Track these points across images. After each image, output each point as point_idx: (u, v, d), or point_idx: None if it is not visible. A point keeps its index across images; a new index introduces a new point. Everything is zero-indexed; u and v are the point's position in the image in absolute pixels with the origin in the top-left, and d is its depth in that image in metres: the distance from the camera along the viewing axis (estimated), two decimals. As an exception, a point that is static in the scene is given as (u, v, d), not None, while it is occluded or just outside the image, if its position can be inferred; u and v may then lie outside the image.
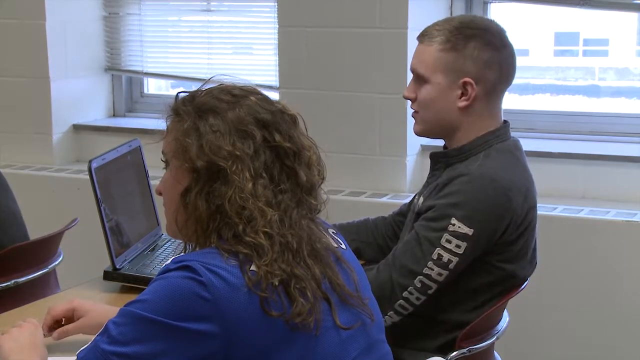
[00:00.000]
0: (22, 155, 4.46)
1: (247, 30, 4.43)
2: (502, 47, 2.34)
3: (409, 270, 2.24)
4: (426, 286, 2.25)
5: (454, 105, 2.33)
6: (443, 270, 2.23)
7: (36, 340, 1.79)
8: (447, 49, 2.30)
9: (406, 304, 2.26)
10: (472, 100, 2.31)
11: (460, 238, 2.22)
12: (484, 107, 2.34)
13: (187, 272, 1.56)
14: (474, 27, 2.33)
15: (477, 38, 2.30)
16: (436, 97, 2.33)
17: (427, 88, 2.34)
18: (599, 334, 3.44)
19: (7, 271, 2.81)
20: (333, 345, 1.63)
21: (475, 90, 2.31)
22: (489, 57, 2.31)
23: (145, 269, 2.52)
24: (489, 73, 2.31)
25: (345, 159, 3.84)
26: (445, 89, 2.32)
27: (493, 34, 2.33)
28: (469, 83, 2.30)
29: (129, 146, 2.71)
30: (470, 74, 2.30)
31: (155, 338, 1.55)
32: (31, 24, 4.36)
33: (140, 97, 4.73)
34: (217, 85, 1.73)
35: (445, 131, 2.38)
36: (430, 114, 2.36)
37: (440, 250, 2.23)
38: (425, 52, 2.33)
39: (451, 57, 2.30)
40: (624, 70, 4.15)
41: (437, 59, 2.31)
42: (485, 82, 2.32)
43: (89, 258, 3.17)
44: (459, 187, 2.24)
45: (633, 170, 3.58)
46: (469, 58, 2.29)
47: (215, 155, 1.63)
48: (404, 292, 2.25)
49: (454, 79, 2.31)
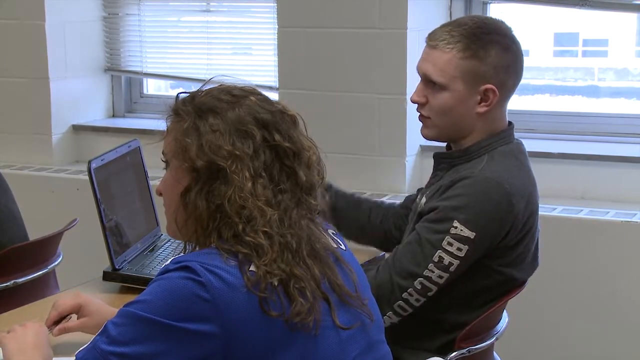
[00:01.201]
0: (21, 155, 4.46)
1: (246, 30, 4.43)
2: (517, 51, 2.33)
3: (410, 272, 2.24)
4: (426, 288, 2.24)
5: (472, 111, 2.31)
6: (444, 272, 2.23)
7: (40, 340, 1.78)
8: (467, 56, 2.27)
9: (405, 305, 2.26)
10: (492, 106, 2.30)
11: (461, 241, 2.21)
12: (499, 111, 2.34)
13: (186, 273, 1.56)
14: (489, 31, 2.30)
15: (497, 44, 2.28)
16: (455, 104, 2.30)
17: (444, 95, 2.30)
18: (598, 334, 3.44)
19: (6, 271, 2.81)
20: (332, 345, 1.63)
21: (497, 97, 2.30)
22: (508, 63, 2.30)
23: (144, 269, 2.52)
24: (508, 78, 2.31)
25: (344, 160, 3.84)
26: (464, 96, 2.29)
27: (508, 37, 2.32)
28: (492, 90, 2.28)
29: (129, 147, 2.71)
30: (491, 81, 2.28)
31: (154, 338, 1.55)
32: (31, 25, 4.35)
33: (140, 98, 4.73)
34: (217, 86, 1.73)
35: (457, 135, 2.36)
36: (447, 120, 2.33)
37: (441, 253, 2.22)
38: (442, 59, 2.29)
39: (472, 64, 2.27)
40: (624, 71, 4.15)
41: (456, 66, 2.27)
42: (505, 87, 2.31)
43: (89, 258, 3.17)
44: (462, 190, 2.23)
45: (632, 170, 3.58)
46: (490, 65, 2.27)
47: (215, 155, 1.63)
48: (403, 294, 2.25)
49: (475, 85, 2.28)
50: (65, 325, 2.02)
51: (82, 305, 2.03)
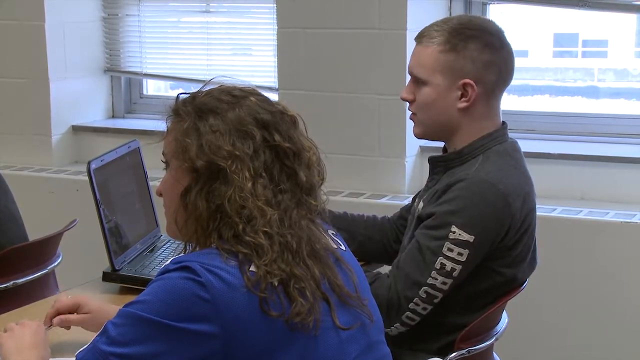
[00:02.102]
0: (21, 156, 4.46)
1: (246, 31, 4.43)
2: (501, 48, 2.33)
3: (414, 281, 2.22)
4: (432, 296, 2.23)
5: (454, 107, 2.32)
6: (447, 278, 2.22)
7: (38, 340, 1.77)
8: (446, 50, 2.29)
9: (413, 315, 2.25)
10: (472, 101, 2.31)
11: (461, 246, 2.21)
12: (483, 108, 2.33)
13: (186, 273, 1.56)
14: (472, 27, 2.32)
15: (477, 39, 2.30)
16: (435, 98, 2.32)
17: (425, 90, 2.32)
18: (598, 335, 3.45)
19: (6, 272, 2.81)
20: (332, 345, 1.63)
21: (475, 92, 2.30)
22: (488, 59, 2.30)
23: (144, 270, 2.52)
24: (488, 74, 2.31)
25: (344, 160, 3.84)
26: (444, 90, 2.31)
27: (492, 35, 2.33)
28: (469, 84, 2.29)
29: (128, 147, 2.71)
30: (469, 75, 2.29)
31: (154, 339, 1.55)
32: (30, 25, 4.36)
33: (140, 98, 4.73)
34: (217, 86, 1.73)
35: (445, 133, 2.37)
36: (429, 115, 2.34)
37: (442, 259, 2.21)
38: (424, 54, 2.32)
39: (450, 58, 2.29)
40: (623, 72, 4.15)
41: (436, 60, 2.30)
42: (485, 83, 2.31)
43: (88, 259, 3.17)
44: (458, 194, 2.23)
45: (632, 171, 3.58)
46: (468, 59, 2.29)
47: (215, 155, 1.63)
48: (410, 304, 2.23)
49: (454, 80, 2.30)
50: (66, 317, 2.02)
51: (81, 304, 2.03)
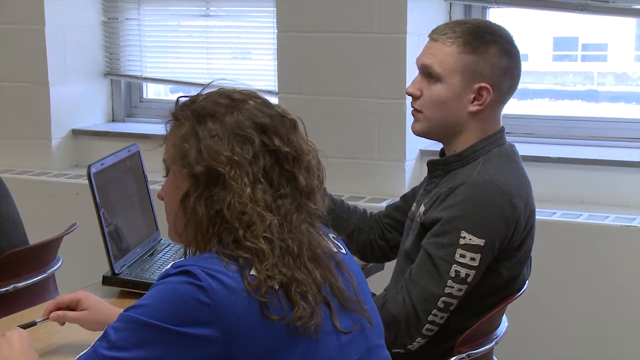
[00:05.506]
0: (21, 160, 4.46)
1: (246, 35, 4.44)
2: (516, 55, 2.33)
3: (431, 293, 2.20)
4: (448, 304, 2.21)
5: (465, 109, 2.30)
6: (462, 285, 2.20)
7: (25, 346, 1.77)
8: (467, 51, 2.27)
9: (432, 326, 2.23)
10: (485, 106, 2.31)
11: (473, 250, 2.18)
12: (492, 114, 2.33)
13: (186, 277, 1.56)
14: (491, 32, 2.31)
15: (497, 45, 2.29)
16: (448, 98, 2.29)
17: (438, 87, 2.30)
18: (598, 338, 3.44)
19: (6, 276, 2.81)
20: (332, 349, 1.63)
21: (491, 96, 2.29)
22: (506, 64, 2.30)
23: (144, 273, 2.52)
24: (504, 80, 2.30)
25: (344, 164, 3.85)
26: (459, 90, 2.29)
27: (509, 42, 2.32)
28: (486, 88, 2.28)
29: (128, 151, 2.71)
30: (487, 79, 2.28)
31: (155, 343, 1.55)
32: (30, 29, 4.36)
33: (139, 102, 4.73)
34: (216, 90, 1.72)
35: (448, 134, 2.35)
36: (438, 114, 2.32)
37: (456, 267, 2.19)
38: (443, 51, 2.29)
39: (471, 59, 2.27)
40: (623, 75, 4.15)
41: (456, 59, 2.27)
42: (500, 89, 2.30)
43: (88, 263, 3.17)
44: (463, 197, 2.21)
45: (632, 175, 3.58)
46: (488, 63, 2.27)
47: (214, 161, 1.62)
48: (429, 317, 2.21)
49: (471, 82, 2.28)
50: (63, 313, 2.03)
51: (82, 299, 2.04)
